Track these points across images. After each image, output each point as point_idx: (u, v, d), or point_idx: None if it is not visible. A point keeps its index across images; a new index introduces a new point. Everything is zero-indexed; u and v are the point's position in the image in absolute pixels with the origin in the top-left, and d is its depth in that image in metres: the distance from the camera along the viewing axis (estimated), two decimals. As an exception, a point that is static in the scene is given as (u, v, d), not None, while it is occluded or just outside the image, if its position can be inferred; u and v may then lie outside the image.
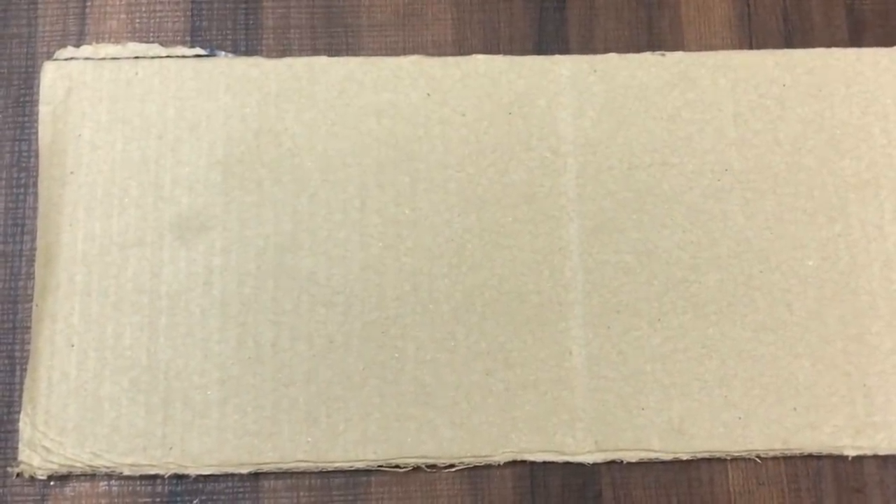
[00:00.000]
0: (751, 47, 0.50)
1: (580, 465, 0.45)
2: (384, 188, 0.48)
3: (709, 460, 0.46)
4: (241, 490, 0.45)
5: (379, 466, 0.45)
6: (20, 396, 0.45)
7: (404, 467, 0.45)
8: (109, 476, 0.45)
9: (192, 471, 0.45)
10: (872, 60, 0.50)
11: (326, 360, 0.46)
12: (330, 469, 0.45)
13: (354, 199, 0.47)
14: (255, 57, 0.49)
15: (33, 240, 0.47)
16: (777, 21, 0.50)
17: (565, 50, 0.49)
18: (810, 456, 0.46)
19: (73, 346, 0.45)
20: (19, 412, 0.45)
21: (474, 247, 0.47)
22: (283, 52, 0.50)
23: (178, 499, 0.45)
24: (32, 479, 0.44)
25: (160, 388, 0.45)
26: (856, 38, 0.50)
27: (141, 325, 0.46)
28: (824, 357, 0.46)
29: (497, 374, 0.46)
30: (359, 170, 0.48)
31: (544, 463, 0.45)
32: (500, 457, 0.45)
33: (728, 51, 0.50)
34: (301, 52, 0.50)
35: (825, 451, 0.45)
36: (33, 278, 0.46)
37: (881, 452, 0.46)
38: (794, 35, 0.50)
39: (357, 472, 0.45)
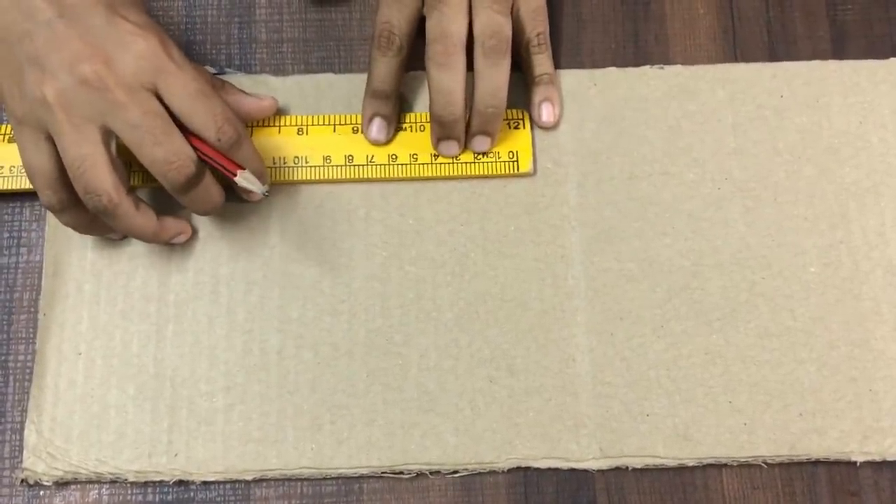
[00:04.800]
0: (735, 60, 0.51)
1: (574, 470, 0.45)
2: (388, 199, 0.48)
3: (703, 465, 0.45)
4: (233, 498, 0.45)
5: (382, 473, 0.45)
6: (12, 407, 0.46)
7: (408, 474, 0.45)
8: (101, 483, 0.45)
9: (197, 478, 0.45)
10: (868, 72, 0.50)
11: (331, 367, 0.46)
12: (333, 475, 0.45)
13: (359, 210, 0.48)
14: (262, 75, 0.51)
15: (29, 252, 0.48)
16: (761, 33, 0.51)
17: (554, 63, 0.49)
18: (807, 460, 0.45)
19: (80, 353, 0.46)
20: (11, 423, 0.46)
21: (477, 256, 0.48)
22: (277, 66, 0.51)
23: (174, 508, 0.45)
24: (23, 489, 0.45)
25: (166, 395, 0.46)
26: (839, 49, 0.51)
27: (148, 334, 0.46)
28: (829, 362, 0.46)
29: (501, 381, 0.46)
30: (363, 182, 0.48)
31: (538, 468, 0.45)
32: (504, 463, 0.45)
33: (726, 64, 0.51)
34: (294, 65, 0.51)
35: (833, 457, 0.45)
36: (29, 290, 0.47)
37: (890, 458, 0.45)
38: (777, 47, 0.51)
39: (349, 479, 0.45)
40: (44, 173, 0.41)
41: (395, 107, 0.48)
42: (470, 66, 0.45)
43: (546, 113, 0.49)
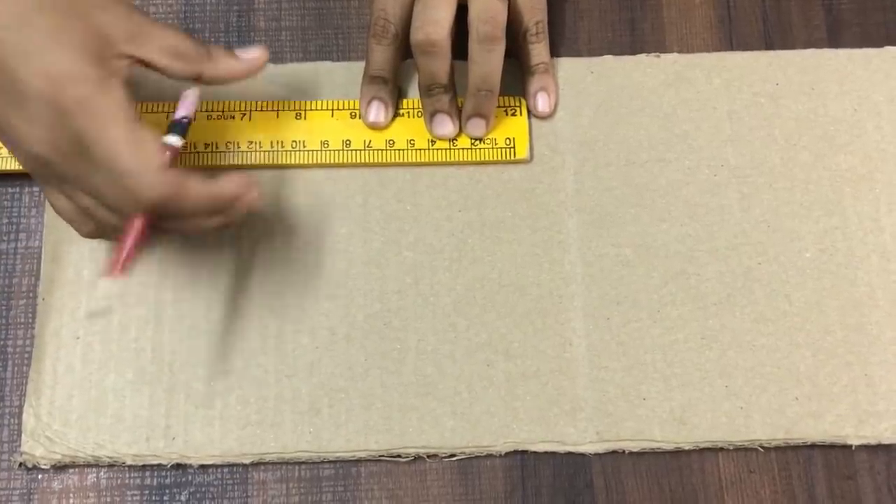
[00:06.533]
0: (731, 48, 0.51)
1: (571, 453, 0.45)
2: (385, 185, 0.49)
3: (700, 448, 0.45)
4: (231, 482, 0.45)
5: (380, 456, 0.45)
6: (11, 391, 0.46)
7: (405, 457, 0.45)
8: (99, 467, 0.45)
9: (195, 461, 0.45)
10: (863, 60, 0.51)
11: (329, 351, 0.46)
12: (331, 459, 0.45)
13: (357, 196, 0.48)
14: (262, 63, 0.51)
15: (28, 238, 0.48)
16: (757, 22, 0.52)
17: (551, 51, 0.50)
18: (803, 444, 0.45)
19: (78, 338, 0.46)
20: (9, 407, 0.46)
21: (474, 241, 0.48)
22: (276, 53, 0.51)
23: (168, 491, 0.45)
24: (21, 472, 0.45)
25: (164, 379, 0.46)
26: (834, 37, 0.52)
27: (146, 318, 0.46)
28: (825, 347, 0.46)
29: (498, 365, 0.46)
30: (360, 167, 0.49)
31: (535, 452, 0.45)
32: (502, 447, 0.45)
33: (721, 52, 0.51)
34: (292, 53, 0.51)
35: (828, 441, 0.45)
36: (28, 276, 0.47)
37: (885, 441, 0.45)
38: (773, 35, 0.52)
39: (347, 462, 0.45)
40: (67, 211, 0.41)
41: (392, 91, 0.48)
42: (464, 51, 0.45)
43: (542, 103, 0.49)
